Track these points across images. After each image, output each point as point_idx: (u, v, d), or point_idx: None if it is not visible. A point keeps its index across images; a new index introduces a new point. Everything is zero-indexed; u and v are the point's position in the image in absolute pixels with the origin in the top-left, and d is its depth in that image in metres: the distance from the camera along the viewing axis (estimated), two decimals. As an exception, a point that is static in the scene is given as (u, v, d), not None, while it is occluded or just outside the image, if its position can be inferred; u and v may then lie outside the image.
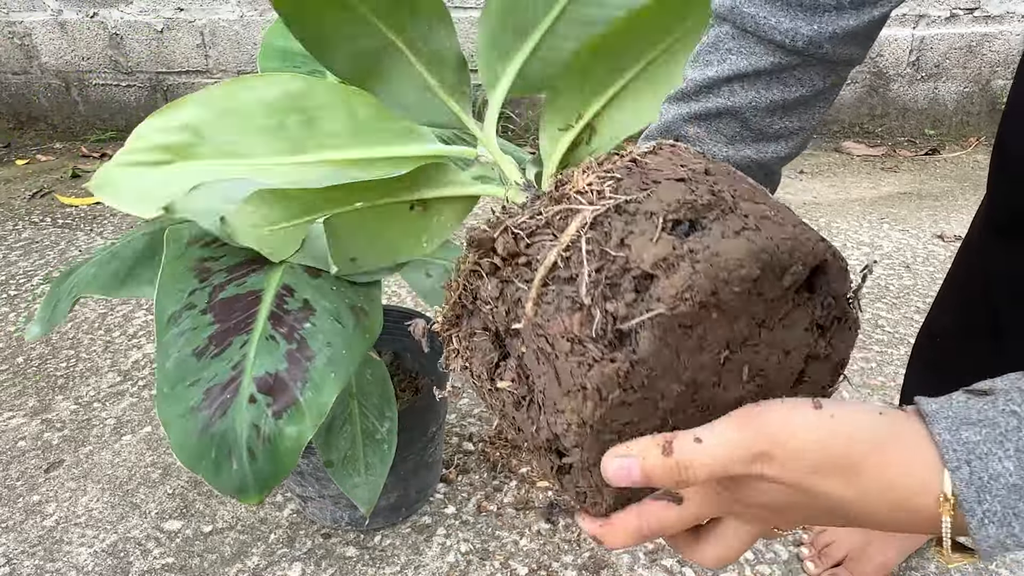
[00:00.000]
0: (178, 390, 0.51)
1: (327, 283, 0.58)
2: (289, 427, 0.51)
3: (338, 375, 0.53)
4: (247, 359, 0.52)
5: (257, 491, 0.51)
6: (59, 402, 1.12)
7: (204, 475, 0.50)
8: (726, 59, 0.43)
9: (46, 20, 2.44)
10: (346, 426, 0.69)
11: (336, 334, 0.55)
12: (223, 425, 0.50)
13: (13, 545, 0.85)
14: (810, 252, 0.31)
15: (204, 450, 0.50)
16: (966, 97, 2.43)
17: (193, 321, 0.53)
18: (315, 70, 0.79)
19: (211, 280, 0.55)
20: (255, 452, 0.50)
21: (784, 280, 0.31)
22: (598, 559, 0.82)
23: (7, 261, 1.61)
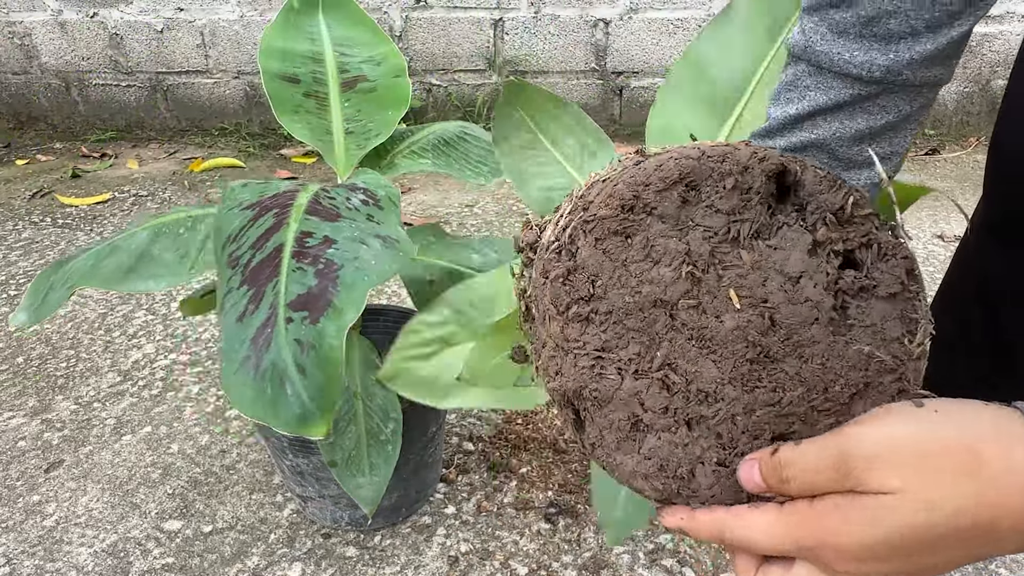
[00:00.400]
0: (231, 357, 0.51)
1: (346, 223, 0.58)
2: (329, 326, 0.50)
3: (369, 278, 0.52)
4: (279, 294, 0.52)
5: (320, 412, 0.49)
6: (59, 402, 1.12)
7: (267, 419, 0.49)
8: (805, 96, 0.42)
9: (46, 20, 2.44)
10: (351, 426, 0.69)
11: (362, 251, 0.55)
12: (269, 357, 0.50)
13: (13, 545, 0.85)
14: (750, 159, 0.32)
15: (259, 392, 0.49)
16: (966, 97, 2.43)
17: (233, 299, 0.54)
18: (315, 71, 0.79)
19: (241, 262, 0.56)
20: (303, 366, 0.49)
21: (726, 185, 0.31)
22: (598, 559, 0.82)
23: (7, 261, 1.61)
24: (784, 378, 0.32)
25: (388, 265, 0.54)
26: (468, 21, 2.37)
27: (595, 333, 0.34)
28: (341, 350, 0.50)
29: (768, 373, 0.32)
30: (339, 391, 0.50)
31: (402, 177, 2.13)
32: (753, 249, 0.32)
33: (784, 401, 0.32)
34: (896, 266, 0.32)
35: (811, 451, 0.30)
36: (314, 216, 0.58)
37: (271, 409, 0.49)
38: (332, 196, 0.61)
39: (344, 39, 0.81)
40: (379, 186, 0.65)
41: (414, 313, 0.92)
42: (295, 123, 0.75)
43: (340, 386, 0.50)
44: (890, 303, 0.32)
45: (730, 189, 0.32)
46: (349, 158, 0.75)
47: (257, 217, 0.59)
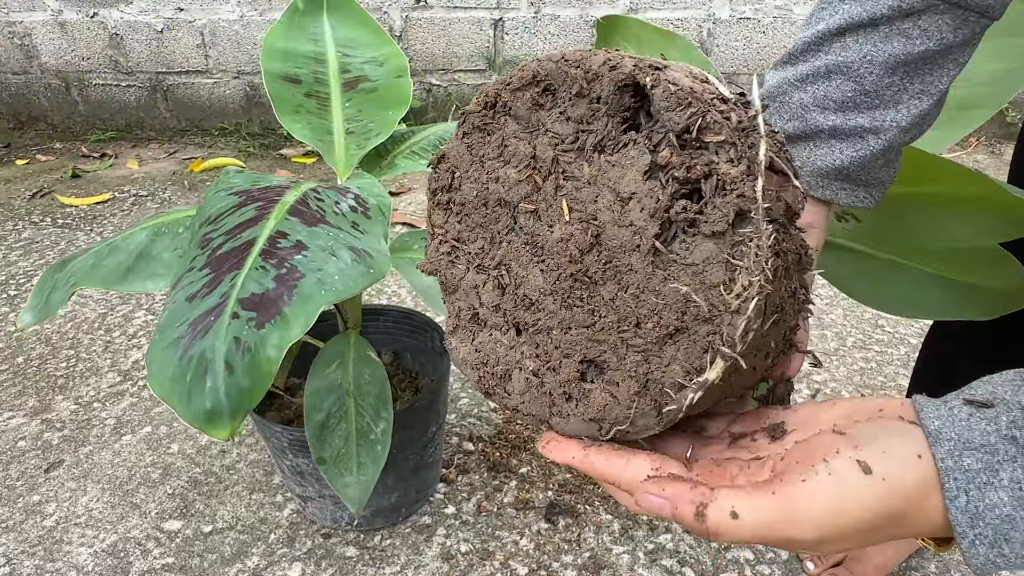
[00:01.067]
0: (166, 332, 0.49)
1: (324, 230, 0.57)
2: (272, 334, 0.48)
3: (328, 292, 0.51)
4: (235, 287, 0.51)
5: (230, 414, 0.47)
6: (59, 402, 1.12)
7: (175, 404, 0.47)
8: (839, 9, 0.37)
9: (46, 20, 2.44)
10: (341, 424, 0.69)
11: (329, 263, 0.53)
12: (201, 345, 0.48)
13: (13, 545, 0.85)
14: (601, 67, 0.30)
15: (179, 376, 0.47)
16: (966, 97, 2.42)
17: (191, 278, 0.53)
18: (317, 71, 0.79)
19: (211, 245, 0.56)
20: (233, 365, 0.47)
21: (573, 91, 0.31)
22: (598, 559, 0.82)
23: (7, 261, 1.61)
24: (600, 302, 0.31)
25: (352, 282, 0.53)
26: (468, 21, 2.37)
27: (452, 223, 0.36)
28: (276, 364, 0.48)
29: (587, 293, 0.32)
30: (256, 400, 0.48)
31: (402, 177, 2.13)
32: (594, 162, 0.31)
33: (597, 326, 0.31)
34: (728, 204, 0.28)
35: (747, 526, 0.28)
36: (295, 217, 0.57)
37: (184, 396, 0.47)
38: (321, 198, 0.61)
39: (347, 40, 0.81)
40: (372, 194, 0.64)
41: (414, 313, 0.93)
42: (296, 123, 0.75)
43: (260, 396, 0.48)
44: (716, 244, 0.28)
45: (576, 96, 0.31)
46: (349, 158, 0.75)
47: (241, 205, 0.59)
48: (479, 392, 0.37)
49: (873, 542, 0.29)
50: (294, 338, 0.49)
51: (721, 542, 0.30)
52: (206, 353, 0.48)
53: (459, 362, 0.37)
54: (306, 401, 0.69)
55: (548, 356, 0.33)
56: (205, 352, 0.48)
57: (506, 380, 0.35)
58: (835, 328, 1.29)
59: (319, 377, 0.70)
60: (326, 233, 0.56)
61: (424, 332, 0.92)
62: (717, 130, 0.28)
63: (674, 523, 0.85)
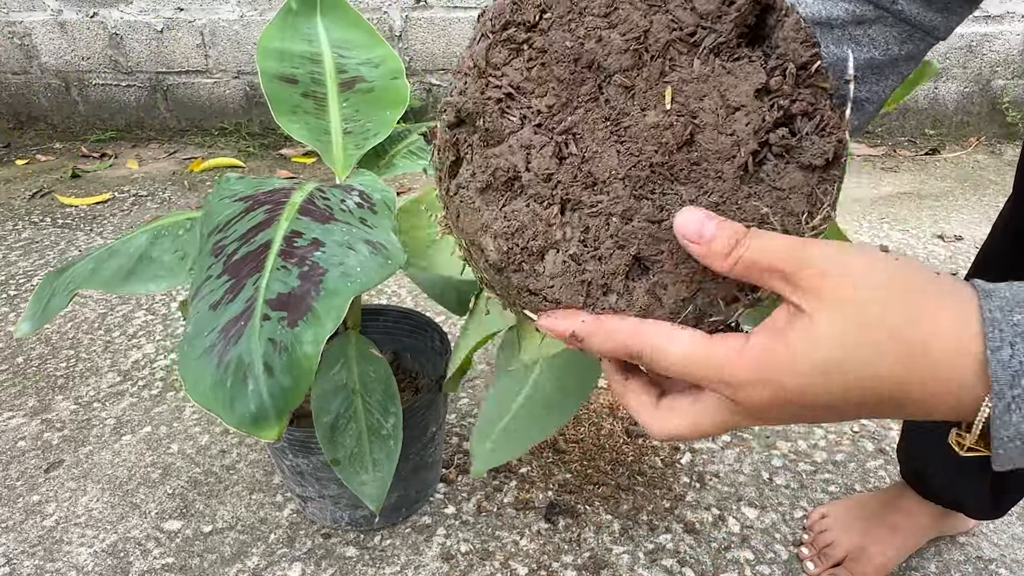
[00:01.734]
0: (196, 343, 0.50)
1: (337, 226, 0.57)
2: (307, 331, 0.49)
3: (353, 284, 0.51)
4: (259, 290, 0.51)
5: (276, 415, 0.47)
6: (59, 402, 1.12)
7: (219, 411, 0.47)
8: (801, 2, 0.40)
9: (46, 20, 2.44)
10: (351, 423, 0.69)
11: (350, 257, 0.54)
12: (237, 350, 0.48)
13: (13, 545, 0.85)
14: None
15: (219, 383, 0.48)
16: (966, 97, 2.43)
17: (211, 286, 0.53)
18: (313, 71, 0.79)
19: (225, 251, 0.56)
20: (272, 366, 0.48)
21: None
22: (598, 559, 0.82)
23: (7, 261, 1.61)
24: (675, 201, 0.30)
25: (374, 274, 0.53)
26: (468, 21, 2.37)
27: (519, 67, 0.31)
28: (315, 360, 0.48)
29: (663, 188, 0.30)
30: (301, 399, 0.48)
31: (402, 177, 2.13)
32: (707, 63, 0.30)
33: (663, 224, 0.30)
34: (828, 143, 0.29)
35: (779, 244, 0.28)
36: (306, 216, 0.57)
37: (227, 402, 0.47)
38: (327, 196, 0.61)
39: (342, 41, 0.81)
40: (375, 189, 0.64)
41: (414, 313, 0.93)
42: (293, 123, 0.75)
43: (303, 394, 0.48)
44: (805, 177, 0.30)
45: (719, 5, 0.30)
46: (347, 158, 0.75)
47: (249, 210, 0.59)
48: (498, 265, 0.32)
49: (870, 410, 0.26)
50: (328, 332, 0.49)
51: (733, 257, 0.28)
52: (243, 357, 0.48)
53: (477, 227, 0.32)
54: (313, 404, 0.69)
55: (597, 243, 0.31)
56: (242, 356, 0.48)
57: (538, 258, 0.32)
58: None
59: (324, 379, 0.70)
60: (339, 229, 0.57)
61: (424, 332, 0.92)
62: (826, 77, 0.29)
63: (674, 524, 0.85)
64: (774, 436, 1.01)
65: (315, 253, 0.54)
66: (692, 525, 0.86)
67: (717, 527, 0.86)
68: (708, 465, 0.96)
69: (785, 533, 0.85)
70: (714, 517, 0.87)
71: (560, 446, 0.99)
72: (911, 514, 0.78)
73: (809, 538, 0.83)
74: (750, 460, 0.96)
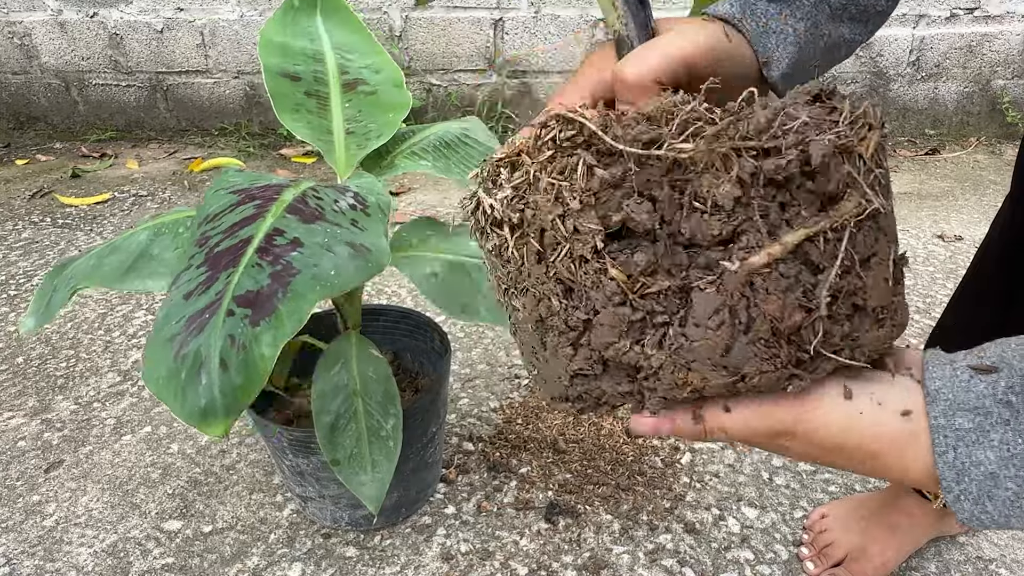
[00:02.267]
0: (163, 331, 0.49)
1: (321, 227, 0.57)
2: (266, 333, 0.48)
3: (323, 287, 0.51)
4: (230, 285, 0.50)
5: (224, 412, 0.47)
6: (59, 402, 1.12)
7: (170, 401, 0.47)
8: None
9: (46, 20, 2.44)
10: (351, 424, 0.69)
11: (325, 259, 0.53)
12: (196, 342, 0.48)
13: (13, 545, 0.85)
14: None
15: (173, 373, 0.47)
16: (966, 97, 2.43)
17: (189, 275, 0.53)
18: (316, 70, 0.79)
19: (209, 243, 0.56)
20: (227, 362, 0.47)
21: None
22: (598, 559, 0.82)
23: (7, 261, 1.61)
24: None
25: (350, 276, 0.53)
26: (468, 21, 2.37)
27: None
28: (270, 362, 0.48)
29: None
30: (251, 398, 0.48)
31: (402, 177, 2.14)
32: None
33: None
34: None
35: (737, 419, 0.32)
36: (293, 215, 0.57)
37: (179, 394, 0.47)
38: (320, 196, 0.61)
39: (343, 44, 0.81)
40: (371, 192, 0.64)
41: (414, 313, 0.93)
42: (296, 122, 0.75)
43: (254, 395, 0.48)
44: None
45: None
46: (349, 158, 0.75)
47: (240, 204, 0.59)
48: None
49: (841, 466, 0.32)
50: (288, 336, 0.48)
51: (715, 440, 0.32)
52: (201, 351, 0.47)
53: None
54: (314, 405, 0.69)
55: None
56: (200, 349, 0.48)
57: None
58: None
59: (324, 380, 0.70)
60: (323, 230, 0.56)
61: (424, 332, 0.92)
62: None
63: (674, 524, 0.85)
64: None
65: (291, 253, 0.53)
66: (692, 525, 0.86)
67: (717, 527, 0.86)
68: (708, 465, 0.96)
69: (785, 533, 0.85)
70: (714, 517, 0.87)
71: (560, 446, 0.99)
72: (911, 514, 0.78)
73: (809, 538, 0.83)
74: (750, 460, 0.96)
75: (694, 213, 0.29)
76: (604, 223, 0.30)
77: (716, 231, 0.29)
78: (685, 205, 0.29)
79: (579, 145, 0.30)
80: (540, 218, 0.31)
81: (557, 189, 0.30)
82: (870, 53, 2.36)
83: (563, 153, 0.31)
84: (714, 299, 0.29)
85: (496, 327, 1.31)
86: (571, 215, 0.30)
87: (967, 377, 0.29)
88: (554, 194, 0.30)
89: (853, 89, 2.42)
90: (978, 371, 0.29)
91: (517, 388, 1.13)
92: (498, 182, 0.33)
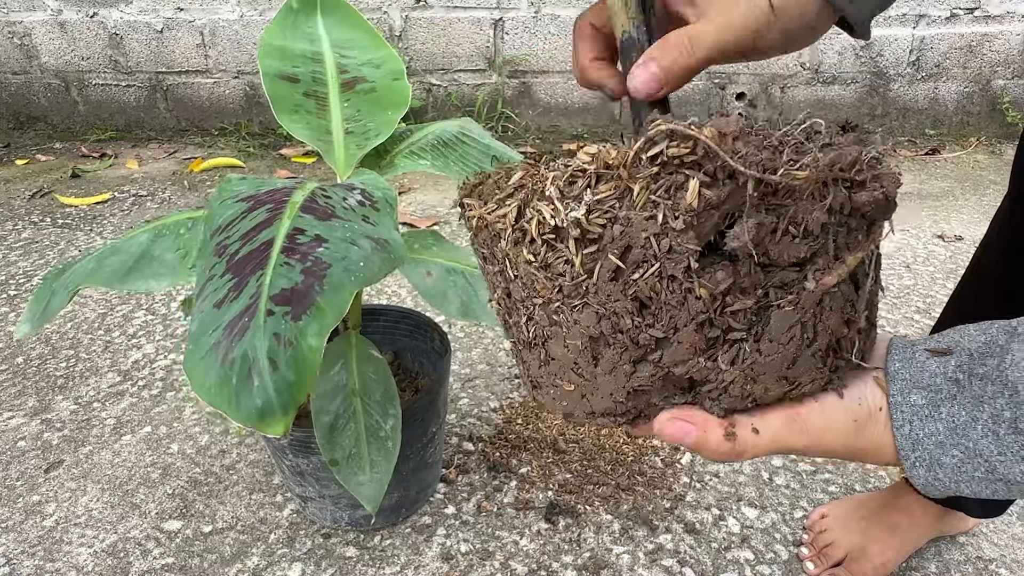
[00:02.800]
0: (201, 342, 0.50)
1: (339, 223, 0.57)
2: (311, 325, 0.49)
3: (356, 279, 0.52)
4: (263, 286, 0.51)
5: (282, 410, 0.48)
6: (59, 402, 1.12)
7: (226, 408, 0.47)
8: None
9: (46, 20, 2.44)
10: (350, 424, 0.69)
11: (352, 252, 0.54)
12: (241, 347, 0.48)
13: (13, 545, 0.85)
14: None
15: (224, 380, 0.48)
16: (966, 97, 2.43)
17: (214, 285, 0.53)
18: (314, 71, 0.79)
19: (228, 251, 0.56)
20: (276, 361, 0.48)
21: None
22: (598, 559, 0.82)
23: (7, 261, 1.61)
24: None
25: (377, 268, 0.53)
26: (468, 21, 2.37)
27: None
28: (319, 353, 0.48)
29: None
30: (306, 393, 0.49)
31: (402, 177, 2.13)
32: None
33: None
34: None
35: (765, 440, 0.34)
36: (308, 214, 0.57)
37: (233, 399, 0.47)
38: (328, 195, 0.61)
39: (343, 42, 0.81)
40: (377, 187, 0.64)
41: (414, 313, 0.93)
42: (295, 123, 0.75)
43: (309, 388, 0.49)
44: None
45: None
46: (348, 158, 0.75)
47: (251, 210, 0.59)
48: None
49: (843, 455, 0.35)
50: (331, 325, 0.49)
51: (743, 459, 0.34)
52: (248, 353, 0.48)
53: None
54: (313, 405, 0.69)
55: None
56: (247, 352, 0.48)
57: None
58: (835, 328, 1.30)
59: (324, 380, 0.70)
60: (342, 226, 0.57)
61: (424, 332, 0.92)
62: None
63: (674, 524, 0.85)
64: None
65: (318, 249, 0.54)
66: (692, 525, 0.86)
67: (717, 527, 0.86)
68: (708, 465, 0.96)
69: (785, 533, 0.85)
70: (714, 517, 0.87)
71: (560, 446, 0.99)
72: (911, 514, 0.78)
73: (809, 538, 0.83)
74: (749, 460, 0.97)
75: (785, 236, 0.31)
76: (700, 243, 0.31)
77: (802, 254, 0.31)
78: (779, 229, 0.31)
79: (689, 164, 0.30)
80: (630, 235, 0.31)
81: (659, 208, 0.30)
82: (870, 53, 2.36)
83: (669, 170, 0.30)
84: (791, 316, 0.32)
85: (496, 327, 1.31)
86: (670, 234, 0.30)
87: (923, 359, 0.33)
88: (654, 213, 0.30)
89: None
90: (934, 353, 0.33)
91: (517, 388, 1.13)
92: (571, 193, 0.32)
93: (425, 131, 0.85)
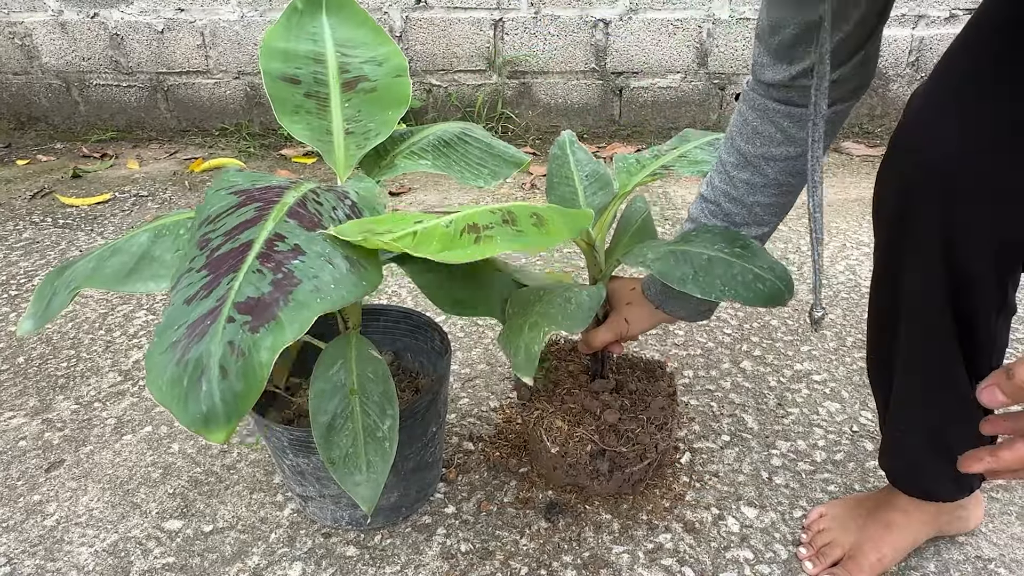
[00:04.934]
0: (164, 336, 0.50)
1: (322, 237, 0.57)
2: (266, 339, 0.49)
3: (324, 301, 0.52)
4: (232, 290, 0.51)
5: (226, 418, 0.48)
6: (59, 402, 1.12)
7: (173, 407, 0.48)
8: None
9: (46, 20, 2.44)
10: (347, 424, 0.69)
11: (326, 271, 0.54)
12: (198, 350, 0.48)
13: (14, 545, 0.86)
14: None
15: (176, 380, 0.48)
16: (966, 97, 2.43)
17: (189, 279, 0.53)
18: (316, 72, 0.79)
19: (209, 245, 0.56)
20: (227, 369, 0.48)
21: None
22: (598, 558, 0.82)
23: (8, 261, 1.61)
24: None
25: (347, 292, 0.53)
26: (468, 21, 2.37)
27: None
28: (268, 368, 0.49)
29: None
30: (251, 404, 0.49)
31: (402, 177, 2.14)
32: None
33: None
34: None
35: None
36: (293, 219, 0.57)
37: (182, 400, 0.48)
38: (320, 201, 0.61)
39: (346, 40, 0.81)
40: (368, 203, 0.65)
41: (414, 313, 0.93)
42: (295, 124, 0.76)
43: (254, 400, 0.49)
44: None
45: None
46: (349, 158, 0.75)
47: (241, 205, 0.59)
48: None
49: (649, 327, 0.83)
50: (287, 342, 0.49)
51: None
52: (202, 357, 0.48)
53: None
54: (311, 404, 0.69)
55: None
56: (201, 356, 0.48)
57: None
58: (835, 328, 1.30)
59: (322, 379, 0.70)
60: (323, 239, 0.57)
61: (424, 332, 0.92)
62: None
63: (674, 523, 0.85)
64: (773, 435, 1.01)
65: (293, 261, 0.54)
66: (692, 524, 0.86)
67: (716, 526, 0.86)
68: (708, 465, 0.96)
69: (784, 533, 0.85)
70: (713, 516, 0.87)
71: (560, 446, 0.99)
72: (907, 512, 0.78)
73: (807, 538, 0.83)
74: (749, 460, 0.97)
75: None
76: None
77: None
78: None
79: None
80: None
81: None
82: (870, 53, 2.36)
83: None
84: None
85: (496, 327, 1.31)
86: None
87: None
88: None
89: None
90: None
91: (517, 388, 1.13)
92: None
93: (426, 132, 0.85)
